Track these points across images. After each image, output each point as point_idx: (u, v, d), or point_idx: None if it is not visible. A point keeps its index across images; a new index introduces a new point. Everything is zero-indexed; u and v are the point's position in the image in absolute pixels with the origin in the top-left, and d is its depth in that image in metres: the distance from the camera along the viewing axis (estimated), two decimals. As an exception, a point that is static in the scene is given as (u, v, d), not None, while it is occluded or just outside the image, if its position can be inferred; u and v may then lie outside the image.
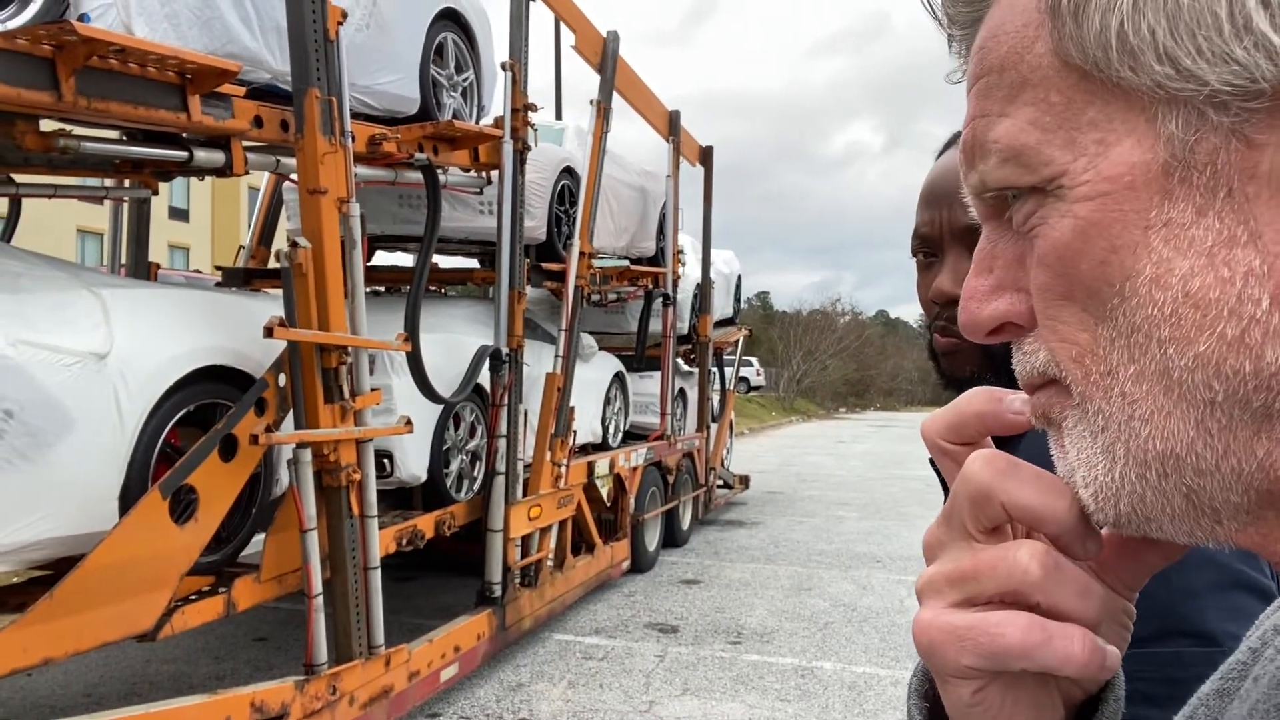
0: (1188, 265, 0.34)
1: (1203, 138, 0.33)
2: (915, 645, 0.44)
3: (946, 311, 0.92)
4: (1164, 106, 0.34)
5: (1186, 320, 0.34)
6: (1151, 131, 0.34)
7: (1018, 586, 0.40)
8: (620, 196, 7.84)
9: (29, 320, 2.96)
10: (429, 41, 5.03)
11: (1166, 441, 0.35)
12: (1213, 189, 0.33)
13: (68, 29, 2.83)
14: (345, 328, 3.91)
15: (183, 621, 3.39)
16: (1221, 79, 0.32)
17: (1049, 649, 0.39)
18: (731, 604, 7.22)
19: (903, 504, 13.19)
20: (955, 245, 0.92)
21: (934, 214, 0.94)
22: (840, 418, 43.46)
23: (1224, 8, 0.32)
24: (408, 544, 4.82)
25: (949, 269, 0.92)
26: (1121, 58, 0.34)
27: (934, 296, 0.94)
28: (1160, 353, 0.35)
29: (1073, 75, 0.36)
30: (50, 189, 5.04)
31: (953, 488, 0.44)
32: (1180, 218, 0.34)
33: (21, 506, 2.85)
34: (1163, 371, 0.35)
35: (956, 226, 0.92)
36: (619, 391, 8.23)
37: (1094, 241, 0.35)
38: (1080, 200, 0.36)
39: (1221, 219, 0.33)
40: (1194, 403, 0.34)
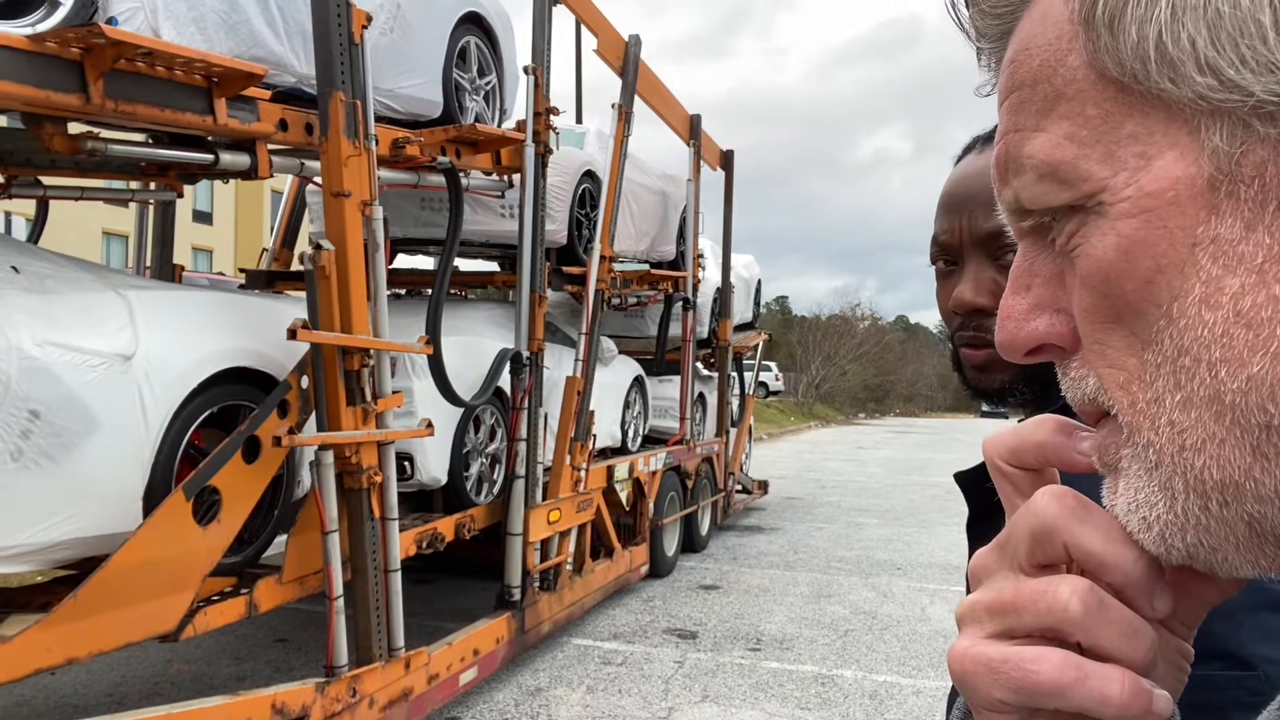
0: (1238, 283, 0.32)
1: (1249, 150, 0.32)
2: (950, 673, 0.42)
3: (972, 321, 0.90)
4: (1207, 118, 0.32)
5: (1239, 341, 0.32)
6: (1195, 144, 0.33)
7: (1057, 623, 0.38)
8: (641, 200, 7.83)
9: (56, 321, 2.98)
10: (452, 45, 5.04)
11: (1224, 470, 0.34)
12: (1261, 203, 0.32)
13: (96, 32, 2.85)
14: (368, 330, 3.91)
15: (205, 622, 3.40)
16: (1267, 89, 0.31)
17: (1084, 689, 0.37)
18: (751, 610, 7.18)
19: (923, 511, 13.08)
20: (976, 252, 0.90)
21: (954, 221, 0.92)
22: (859, 423, 43.26)
23: (1268, 15, 0.30)
24: (428, 546, 4.82)
25: (970, 277, 0.90)
26: (1161, 69, 0.32)
27: (955, 306, 0.92)
28: (1210, 376, 0.33)
29: (1110, 88, 0.34)
30: (77, 191, 5.09)
31: (1013, 518, 0.42)
32: (1229, 234, 0.32)
33: (47, 506, 2.87)
34: (1213, 396, 0.33)
35: (977, 233, 0.90)
36: (638, 395, 8.21)
37: (1138, 260, 0.34)
38: (1122, 217, 0.34)
39: (1272, 234, 0.32)
40: (1248, 427, 0.33)
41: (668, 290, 8.55)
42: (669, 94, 8.24)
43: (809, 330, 51.18)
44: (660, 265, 8.45)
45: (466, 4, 5.16)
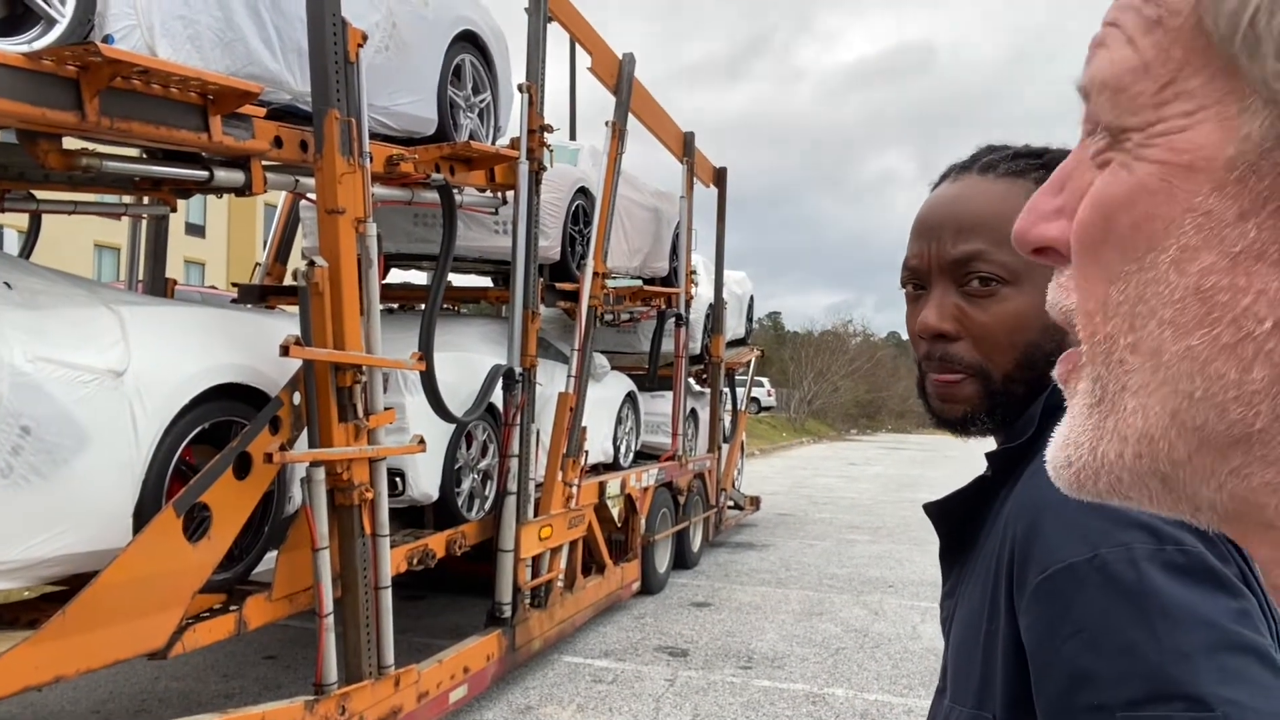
0: (1210, 261, 0.34)
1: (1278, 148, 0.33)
2: None
3: (937, 349, 0.91)
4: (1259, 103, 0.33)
5: (1189, 311, 0.34)
6: (1235, 124, 0.33)
7: None
8: (634, 217, 7.86)
9: (48, 337, 2.98)
10: (447, 63, 5.07)
11: (1146, 420, 0.36)
12: (1264, 199, 0.33)
13: (92, 50, 2.86)
14: (360, 346, 3.92)
15: (194, 639, 3.38)
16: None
17: None
18: (742, 628, 7.17)
19: (915, 528, 13.08)
20: (942, 279, 0.91)
21: (924, 246, 0.93)
22: (851, 439, 43.27)
23: None
24: (419, 563, 4.81)
25: (935, 302, 0.91)
26: (1245, 42, 0.33)
27: (919, 330, 0.92)
28: (1157, 330, 0.35)
29: (1199, 39, 0.35)
30: (70, 205, 5.09)
31: None
32: (1221, 213, 0.34)
33: (36, 523, 2.86)
34: (1155, 350, 0.35)
35: (945, 259, 0.91)
36: (631, 411, 8.22)
37: (1137, 203, 0.36)
38: (1141, 160, 0.35)
39: (1260, 230, 0.33)
40: (1175, 391, 0.35)
41: (660, 306, 8.58)
42: (662, 111, 8.29)
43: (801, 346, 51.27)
44: (653, 281, 8.48)
45: (461, 23, 5.19)
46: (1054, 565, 0.69)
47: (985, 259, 0.89)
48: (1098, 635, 0.64)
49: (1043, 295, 0.87)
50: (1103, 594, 0.65)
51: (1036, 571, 0.70)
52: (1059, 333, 0.87)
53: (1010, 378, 0.89)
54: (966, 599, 0.84)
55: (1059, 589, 0.68)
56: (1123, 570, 0.65)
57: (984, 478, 0.87)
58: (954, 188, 0.94)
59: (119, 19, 3.13)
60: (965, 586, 0.86)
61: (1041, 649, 0.68)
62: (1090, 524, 0.68)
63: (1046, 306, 0.43)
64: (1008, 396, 0.89)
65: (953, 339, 0.90)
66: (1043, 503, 0.73)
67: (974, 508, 0.88)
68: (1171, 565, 0.65)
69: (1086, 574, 0.66)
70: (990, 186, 0.91)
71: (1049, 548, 0.70)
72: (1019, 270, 0.88)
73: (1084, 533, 0.68)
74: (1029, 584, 0.70)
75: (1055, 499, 0.72)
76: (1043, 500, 0.73)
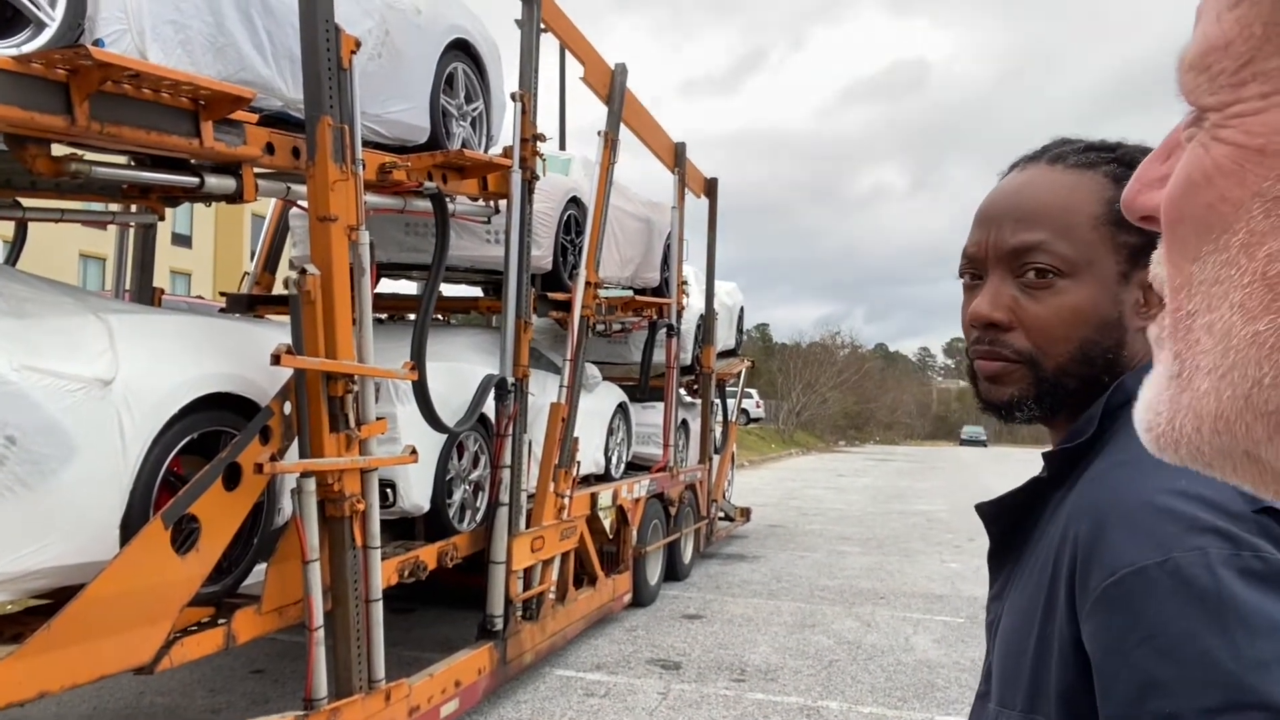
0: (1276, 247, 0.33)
1: None
2: None
3: (987, 335, 0.89)
4: None
5: (1256, 296, 0.34)
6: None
7: None
8: (626, 227, 7.84)
9: (34, 345, 2.92)
10: (440, 71, 5.05)
11: (1219, 402, 0.35)
12: None
13: (83, 53, 2.82)
14: (352, 355, 3.87)
15: (182, 654, 3.32)
16: None
17: None
18: (734, 640, 7.12)
19: (905, 539, 13.08)
20: (999, 268, 0.89)
21: (983, 234, 0.91)
22: (840, 450, 43.33)
23: None
24: (410, 575, 4.75)
25: (990, 291, 0.89)
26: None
27: (971, 320, 0.91)
28: (1229, 314, 0.35)
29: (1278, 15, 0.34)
30: (57, 213, 5.03)
31: None
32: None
33: (21, 535, 2.79)
34: (1226, 332, 0.35)
35: (1002, 249, 0.89)
36: (622, 422, 8.18)
37: (1213, 184, 0.35)
38: (1216, 141, 0.35)
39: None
40: (1245, 375, 0.34)
41: (652, 317, 8.55)
42: (654, 122, 8.29)
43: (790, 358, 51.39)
44: (645, 292, 8.46)
45: (454, 31, 5.17)
46: (1123, 568, 0.66)
47: (1044, 249, 0.86)
48: (1171, 641, 0.61)
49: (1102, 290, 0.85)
50: (1176, 599, 0.62)
51: (1103, 575, 0.67)
52: (1117, 329, 0.84)
53: (1063, 370, 0.86)
54: (1016, 601, 0.81)
55: (1128, 593, 0.65)
56: (1198, 574, 0.62)
57: (1039, 478, 0.84)
58: (1020, 177, 0.92)
59: (109, 23, 3.09)
60: (1014, 589, 0.83)
61: (1109, 655, 0.65)
62: (1162, 528, 0.66)
63: (1149, 279, 0.42)
64: (1058, 387, 0.87)
65: (1005, 329, 0.88)
66: (1109, 504, 0.71)
67: (1028, 509, 0.85)
68: (1249, 571, 0.62)
69: (1158, 578, 0.64)
70: (1058, 176, 0.89)
71: (1116, 550, 0.67)
72: (1078, 263, 0.85)
73: (1155, 536, 0.65)
74: (1093, 588, 0.67)
75: (1122, 501, 0.69)
76: (1109, 502, 0.71)
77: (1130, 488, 0.70)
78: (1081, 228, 0.86)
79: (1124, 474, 0.72)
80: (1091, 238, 0.85)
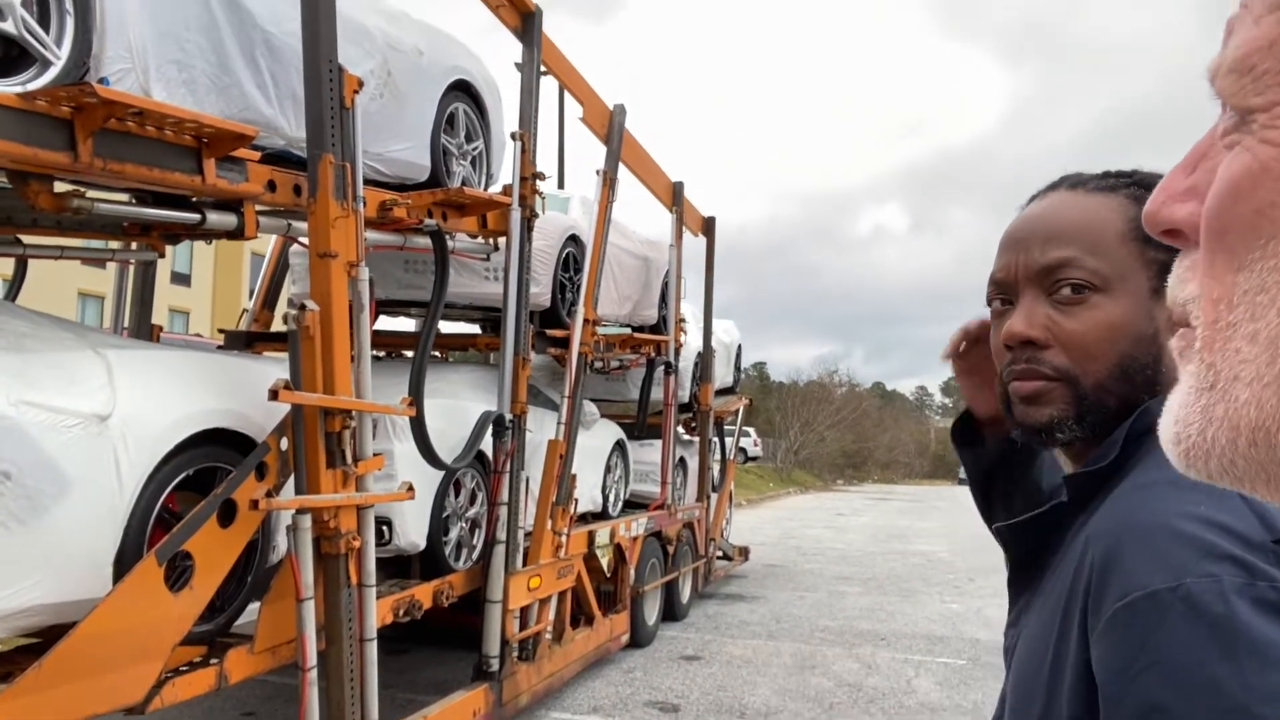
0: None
1: None
2: None
3: (1023, 354, 0.88)
4: None
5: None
6: None
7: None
8: (624, 265, 7.88)
9: (32, 380, 2.91)
10: (441, 111, 5.10)
11: (1261, 412, 0.34)
12: None
13: (88, 91, 2.85)
14: (350, 391, 3.86)
15: (173, 694, 3.27)
16: None
17: None
18: (734, 682, 7.02)
19: (905, 579, 12.97)
20: (1030, 288, 0.89)
21: (1011, 257, 0.91)
22: (838, 489, 43.12)
23: None
24: (405, 614, 4.69)
25: (1023, 310, 0.89)
26: None
27: (1006, 339, 0.89)
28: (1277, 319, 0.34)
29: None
30: (57, 250, 5.05)
31: None
32: None
33: (14, 571, 2.76)
34: (1274, 339, 0.34)
35: (1033, 268, 0.88)
36: (620, 459, 8.14)
37: (1260, 188, 0.35)
38: (1264, 144, 0.35)
39: None
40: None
41: (650, 354, 8.56)
42: (652, 161, 8.37)
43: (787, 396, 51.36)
44: (642, 329, 8.48)
45: (455, 72, 5.24)
46: (1134, 592, 0.65)
47: (1077, 265, 0.86)
48: (1178, 668, 0.60)
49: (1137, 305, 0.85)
50: (1186, 625, 0.61)
51: (1115, 597, 0.66)
52: (1154, 345, 0.84)
53: (1103, 387, 0.85)
54: (1033, 626, 0.80)
55: (1138, 617, 0.64)
56: (1210, 602, 0.61)
57: (1060, 503, 0.83)
58: (1042, 203, 0.92)
59: (115, 61, 3.13)
60: (1032, 614, 0.82)
61: (1115, 679, 0.64)
62: (1177, 552, 0.65)
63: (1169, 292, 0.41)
64: (1099, 406, 0.85)
65: (1042, 347, 0.87)
66: (1125, 527, 0.70)
67: (1047, 533, 0.85)
68: (1263, 601, 0.61)
69: (1169, 603, 0.63)
70: (1081, 199, 0.89)
71: (1130, 573, 0.66)
72: (1111, 278, 0.85)
73: (1169, 561, 0.65)
74: (1105, 610, 0.66)
75: (1139, 524, 0.68)
76: (1125, 525, 0.70)
77: (1147, 510, 0.70)
78: (1110, 244, 0.86)
79: (1142, 497, 0.72)
80: (1121, 253, 0.85)
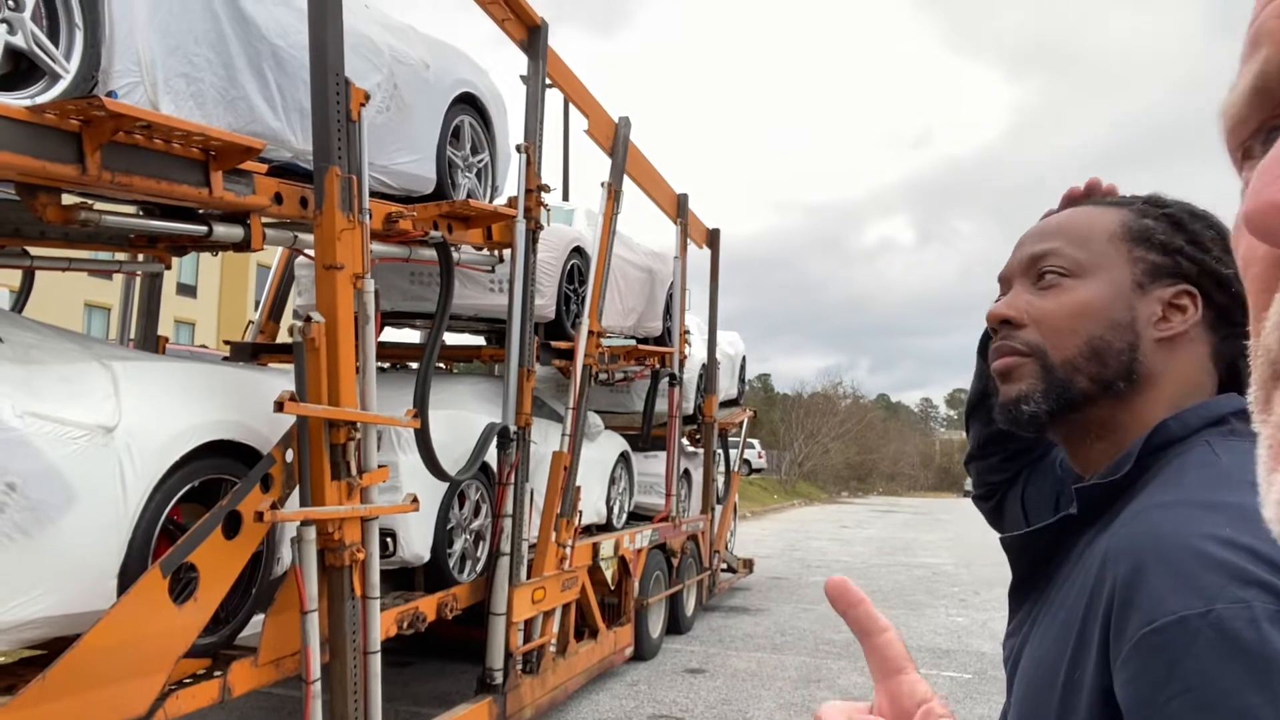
0: None
1: None
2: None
3: (1002, 332, 0.94)
4: None
5: None
6: None
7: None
8: (628, 277, 7.89)
9: (38, 392, 2.92)
10: (446, 124, 5.12)
11: None
12: None
13: (96, 104, 2.87)
14: (355, 403, 3.86)
15: (177, 706, 3.26)
16: None
17: None
18: (738, 695, 6.99)
19: (910, 592, 12.91)
20: (1020, 278, 0.95)
21: (1012, 256, 0.98)
22: (843, 502, 43.01)
23: None
24: (409, 627, 4.68)
25: (1007, 296, 0.95)
26: None
27: (988, 320, 0.96)
28: None
29: None
30: (64, 262, 5.07)
31: None
32: None
33: (18, 583, 2.76)
34: None
35: (1023, 260, 0.95)
36: (624, 471, 8.13)
37: None
38: None
39: None
40: None
41: (654, 366, 8.56)
42: (657, 173, 8.39)
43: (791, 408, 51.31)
44: (647, 341, 8.48)
45: (461, 85, 5.26)
46: (1163, 617, 0.63)
47: (1057, 254, 0.92)
48: (1209, 697, 0.59)
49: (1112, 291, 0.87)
50: (1217, 652, 0.60)
51: (1141, 622, 0.65)
52: (1129, 332, 0.86)
53: (1071, 364, 0.88)
54: (1040, 640, 0.79)
55: (1167, 643, 0.62)
56: (1241, 629, 0.60)
57: (1069, 515, 0.83)
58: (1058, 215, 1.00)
59: (123, 75, 3.15)
60: (1038, 627, 0.81)
61: (1142, 706, 0.63)
62: (1206, 577, 0.63)
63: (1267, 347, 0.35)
64: (1066, 383, 0.89)
65: (1018, 326, 0.93)
66: (1149, 548, 0.69)
67: (1055, 545, 0.84)
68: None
69: (1199, 629, 0.61)
70: (1090, 209, 0.96)
71: (1156, 597, 0.65)
72: (1089, 266, 0.90)
73: (1198, 585, 0.63)
74: (1130, 634, 0.65)
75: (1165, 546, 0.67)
76: (1149, 546, 0.69)
77: (1173, 531, 0.68)
78: (1097, 239, 0.91)
79: (1167, 516, 0.71)
80: (1106, 248, 0.90)
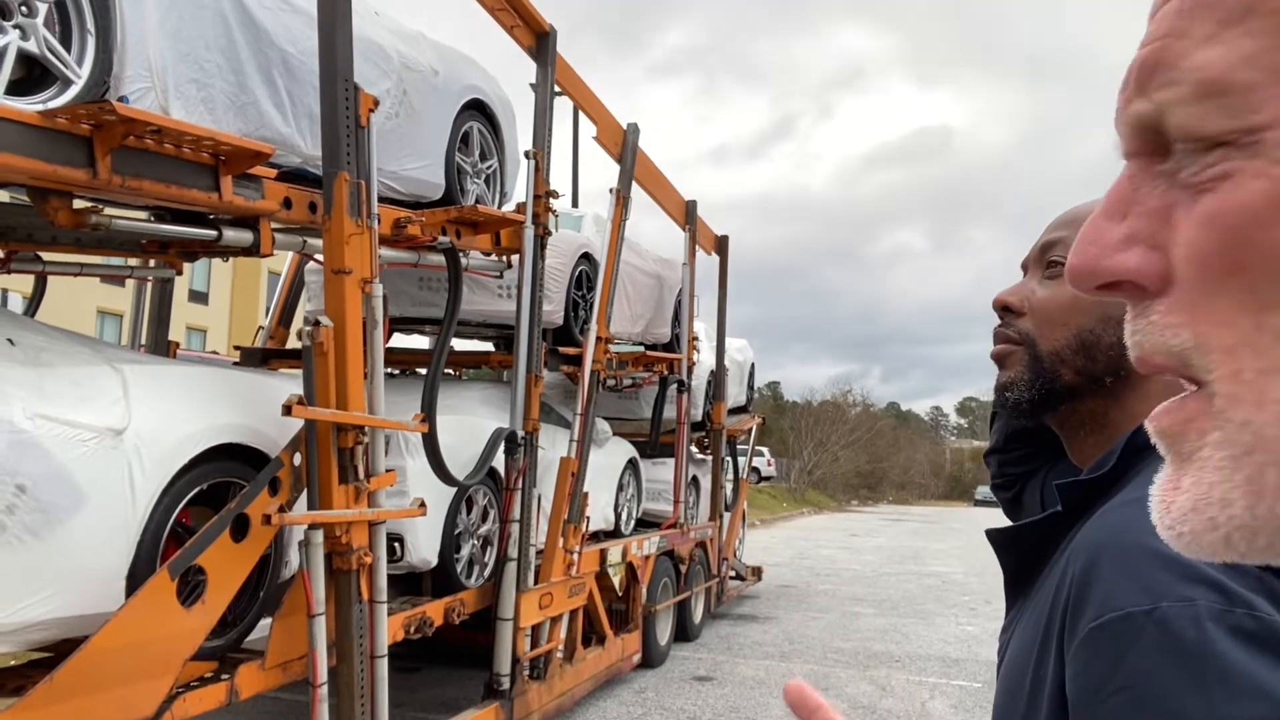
0: None
1: None
2: None
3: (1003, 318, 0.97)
4: None
5: None
6: None
7: None
8: (637, 283, 7.90)
9: (49, 394, 2.94)
10: (455, 130, 5.15)
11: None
12: None
13: (107, 109, 2.89)
14: (364, 408, 3.88)
15: (183, 709, 3.26)
16: None
17: None
18: (746, 703, 6.96)
19: (920, 601, 12.85)
20: (1034, 266, 0.97)
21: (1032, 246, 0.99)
22: (852, 510, 42.86)
23: None
24: (416, 631, 4.68)
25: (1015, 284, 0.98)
26: None
27: (993, 303, 0.98)
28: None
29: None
30: (76, 267, 5.11)
31: None
32: None
33: (27, 585, 2.77)
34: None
35: (1037, 248, 0.98)
36: (632, 478, 8.13)
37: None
38: None
39: None
40: None
41: (662, 372, 8.56)
42: (665, 180, 8.40)
43: (801, 416, 51.20)
44: (655, 347, 8.48)
45: (470, 91, 5.29)
46: (1109, 613, 0.63)
47: (1065, 244, 0.93)
48: (1146, 694, 0.59)
49: None
50: (1158, 650, 0.59)
51: (1090, 617, 0.64)
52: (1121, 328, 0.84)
53: (1059, 356, 0.90)
54: (1019, 637, 0.79)
55: (1111, 639, 0.62)
56: (1184, 627, 0.59)
57: (1055, 512, 0.82)
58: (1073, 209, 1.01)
59: (134, 80, 3.18)
60: (1019, 623, 0.81)
61: (1083, 701, 0.62)
62: (1155, 574, 0.63)
63: (1144, 353, 0.36)
64: (1051, 375, 0.91)
65: (1017, 313, 0.95)
66: (1104, 544, 0.68)
67: (1042, 541, 0.84)
68: (1239, 629, 0.59)
69: (1143, 626, 0.61)
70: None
71: (1106, 593, 0.64)
72: None
73: (1147, 582, 0.63)
74: (1080, 628, 0.65)
75: (1118, 542, 0.67)
76: (1104, 542, 0.69)
77: (1129, 528, 0.68)
78: None
79: (1126, 514, 0.70)
80: None
